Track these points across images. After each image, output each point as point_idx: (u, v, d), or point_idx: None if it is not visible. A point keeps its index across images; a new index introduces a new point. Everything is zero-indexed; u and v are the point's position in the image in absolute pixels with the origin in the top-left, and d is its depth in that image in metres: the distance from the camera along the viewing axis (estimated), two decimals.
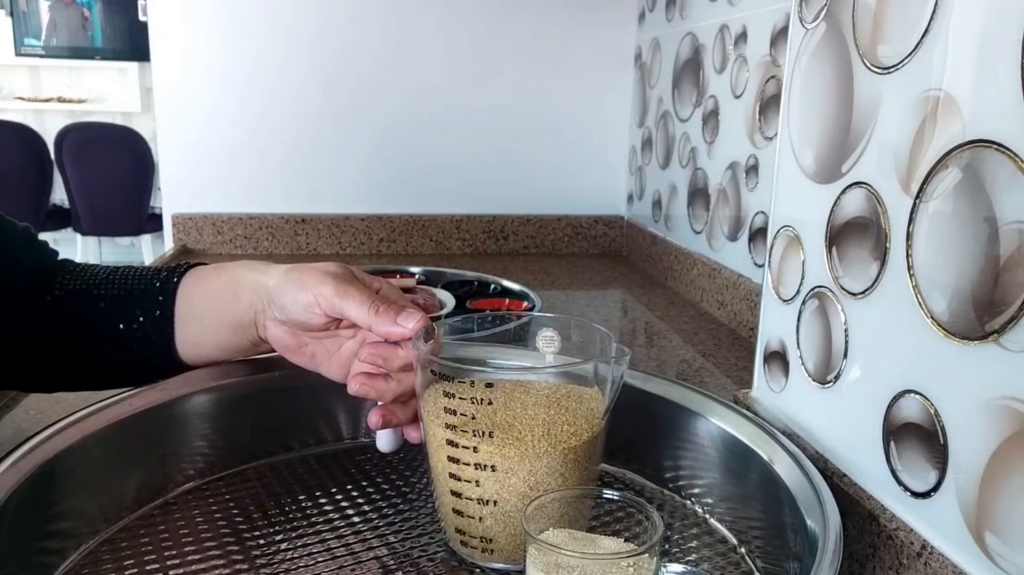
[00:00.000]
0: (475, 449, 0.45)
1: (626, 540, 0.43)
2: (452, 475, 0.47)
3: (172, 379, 0.56)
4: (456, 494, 0.47)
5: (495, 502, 0.46)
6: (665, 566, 0.45)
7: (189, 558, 0.49)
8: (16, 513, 0.42)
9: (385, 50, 1.40)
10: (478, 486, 0.46)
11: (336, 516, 0.54)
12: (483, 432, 0.45)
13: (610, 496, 0.44)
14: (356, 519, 0.54)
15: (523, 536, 0.40)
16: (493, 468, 0.45)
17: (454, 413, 0.46)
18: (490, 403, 0.46)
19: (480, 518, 0.47)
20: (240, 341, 0.55)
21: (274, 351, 0.55)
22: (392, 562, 0.49)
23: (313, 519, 0.54)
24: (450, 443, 0.46)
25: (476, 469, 0.45)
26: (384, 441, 0.54)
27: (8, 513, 0.41)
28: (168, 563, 0.48)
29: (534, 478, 0.45)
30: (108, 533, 0.51)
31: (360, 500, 0.56)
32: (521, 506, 0.45)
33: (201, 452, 0.58)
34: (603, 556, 0.39)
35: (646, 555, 0.39)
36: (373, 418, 0.51)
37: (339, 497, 0.57)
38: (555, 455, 0.45)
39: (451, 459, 0.46)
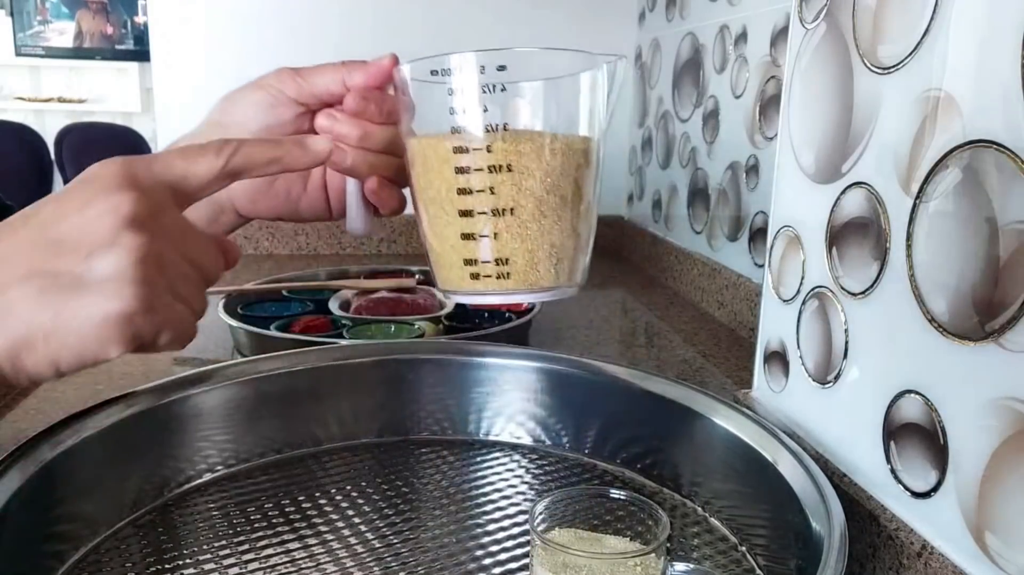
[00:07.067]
0: (488, 148, 0.42)
1: (630, 539, 0.43)
2: (461, 191, 0.43)
3: (170, 379, 0.56)
4: (466, 213, 0.43)
5: (512, 210, 0.42)
6: (672, 565, 0.45)
7: (189, 560, 0.49)
8: (16, 516, 0.42)
9: (383, 48, 1.40)
10: (492, 194, 0.42)
11: (336, 516, 0.54)
12: (495, 126, 0.41)
13: (616, 495, 0.44)
14: (357, 519, 0.54)
15: (530, 535, 0.40)
16: (509, 168, 0.42)
17: (461, 111, 0.42)
18: (503, 89, 0.42)
19: (495, 234, 0.43)
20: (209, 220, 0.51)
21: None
22: (394, 563, 0.49)
23: (314, 519, 0.54)
24: (457, 150, 0.42)
25: (490, 172, 0.42)
26: (356, 222, 0.50)
27: (8, 516, 0.41)
28: (167, 566, 0.48)
29: (550, 179, 0.42)
30: (107, 535, 0.51)
31: (360, 500, 0.56)
32: (538, 214, 0.43)
33: (200, 454, 0.58)
34: (611, 555, 0.40)
35: (653, 555, 0.39)
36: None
37: (339, 498, 0.57)
38: (568, 154, 0.43)
39: (459, 171, 0.42)
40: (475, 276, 0.44)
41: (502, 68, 0.41)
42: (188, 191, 0.39)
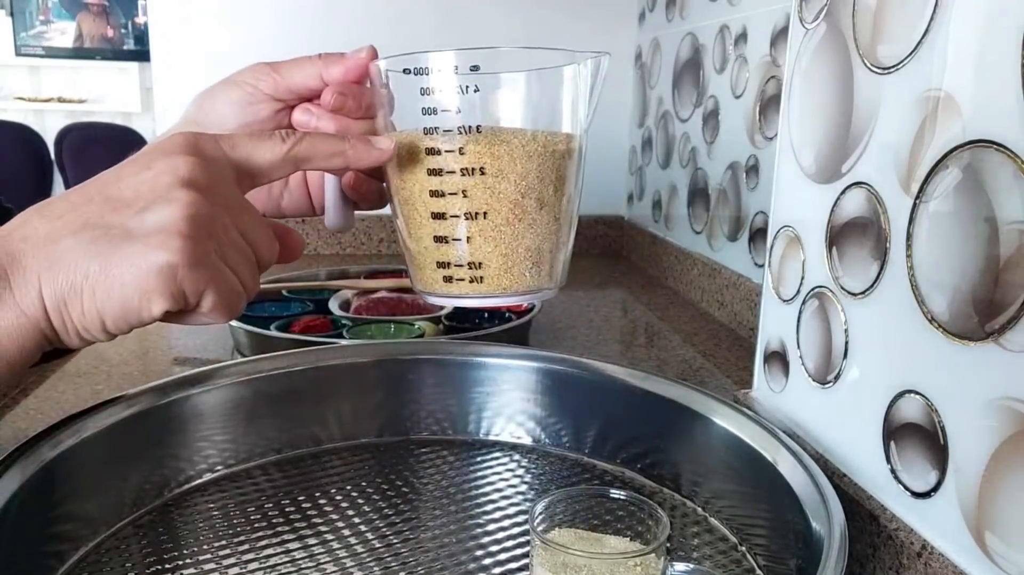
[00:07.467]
0: (461, 151, 0.41)
1: (630, 539, 0.43)
2: (434, 193, 0.42)
3: (170, 379, 0.56)
4: (439, 216, 0.42)
5: (485, 214, 0.42)
6: (672, 565, 0.45)
7: (189, 560, 0.49)
8: (16, 516, 0.42)
9: (383, 49, 1.40)
10: (465, 197, 0.41)
11: (336, 516, 0.54)
12: (468, 128, 0.40)
13: (616, 495, 0.44)
14: (357, 519, 0.54)
15: (530, 535, 0.40)
16: (482, 171, 0.41)
17: (434, 112, 0.41)
18: (477, 90, 0.41)
19: (468, 238, 0.42)
20: None
21: None
22: (394, 563, 0.49)
23: (314, 519, 0.54)
24: (430, 151, 0.41)
25: (463, 175, 0.41)
26: (333, 216, 0.48)
27: (8, 516, 0.41)
28: (167, 566, 0.48)
29: (525, 182, 0.41)
30: (107, 535, 0.51)
31: (360, 500, 0.56)
32: (513, 218, 0.42)
33: (200, 453, 0.58)
34: (611, 555, 0.40)
35: (653, 555, 0.39)
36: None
37: (339, 498, 0.57)
38: (546, 156, 0.42)
39: (432, 172, 0.41)
40: (448, 279, 0.44)
41: (475, 68, 0.40)
42: (252, 172, 0.39)
